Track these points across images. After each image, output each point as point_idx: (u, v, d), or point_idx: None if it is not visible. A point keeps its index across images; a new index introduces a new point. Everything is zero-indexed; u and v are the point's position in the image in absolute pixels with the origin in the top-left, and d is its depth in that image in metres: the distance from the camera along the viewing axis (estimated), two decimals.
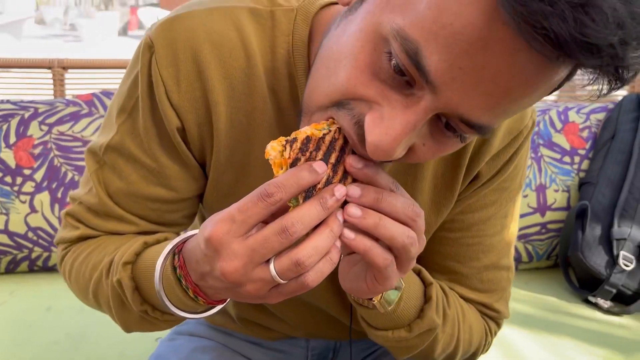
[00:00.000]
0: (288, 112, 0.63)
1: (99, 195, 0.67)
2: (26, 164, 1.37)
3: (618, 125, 1.41)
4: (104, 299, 0.66)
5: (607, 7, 0.35)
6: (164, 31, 0.61)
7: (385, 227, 0.48)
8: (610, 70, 0.39)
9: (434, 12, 0.41)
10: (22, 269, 1.39)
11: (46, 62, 1.57)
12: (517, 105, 0.44)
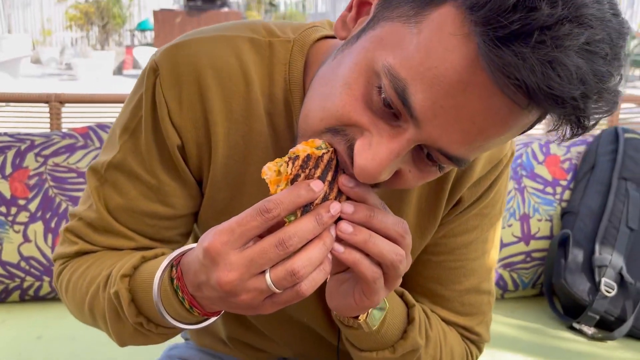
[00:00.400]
0: (283, 136, 0.67)
1: (99, 211, 0.70)
2: (21, 195, 1.40)
3: (597, 157, 1.46)
4: (99, 312, 0.67)
5: (571, 64, 0.40)
6: (169, 56, 0.65)
7: (374, 243, 0.51)
8: (573, 119, 0.44)
9: (422, 55, 0.46)
10: (14, 298, 1.39)
11: (44, 96, 1.61)
12: (491, 143, 0.49)
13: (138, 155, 0.68)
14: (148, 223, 0.70)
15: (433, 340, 0.71)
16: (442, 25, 0.45)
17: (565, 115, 0.44)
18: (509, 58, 0.41)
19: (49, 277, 1.38)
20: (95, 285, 0.67)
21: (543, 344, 1.26)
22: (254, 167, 0.68)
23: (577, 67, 0.41)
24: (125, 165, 0.68)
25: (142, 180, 0.68)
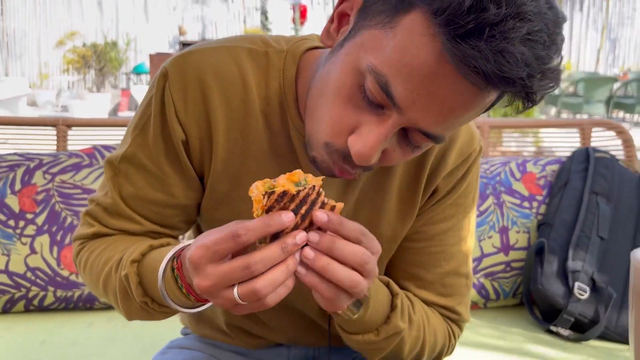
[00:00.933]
0: (278, 133, 0.77)
1: (113, 197, 0.79)
2: (29, 209, 1.48)
3: (570, 174, 1.57)
4: (112, 290, 0.76)
5: (517, 52, 0.52)
6: (177, 63, 0.75)
7: (333, 270, 0.58)
8: (523, 95, 0.55)
9: (398, 54, 0.57)
10: (19, 308, 1.45)
11: (52, 120, 1.71)
12: (461, 120, 0.60)
13: (146, 149, 0.77)
14: (154, 210, 0.80)
15: (416, 323, 0.79)
16: (412, 28, 0.56)
17: (516, 93, 0.55)
18: (468, 51, 0.52)
19: (53, 288, 1.44)
20: (109, 267, 0.76)
21: (522, 347, 1.34)
22: (251, 161, 0.78)
23: (521, 54, 0.52)
24: (135, 158, 0.78)
25: (149, 171, 0.78)
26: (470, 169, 0.83)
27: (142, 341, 1.33)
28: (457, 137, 0.79)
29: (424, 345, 0.81)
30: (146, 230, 0.81)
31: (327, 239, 0.58)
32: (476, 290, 1.51)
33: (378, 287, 0.74)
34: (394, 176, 0.80)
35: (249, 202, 0.62)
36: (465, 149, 0.81)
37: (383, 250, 0.81)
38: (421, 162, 0.79)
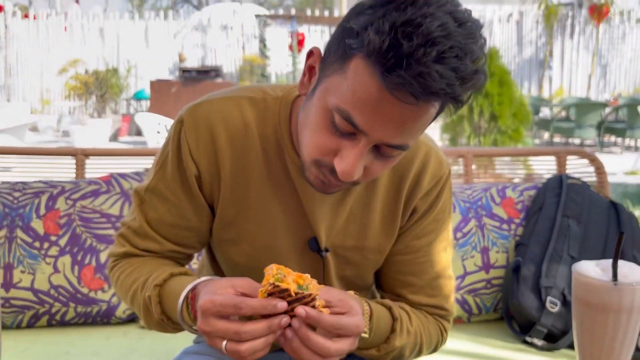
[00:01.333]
0: (275, 164, 0.93)
1: (140, 222, 0.95)
2: (53, 232, 1.62)
3: (545, 199, 1.73)
4: (137, 304, 0.93)
5: (433, 71, 0.67)
6: (191, 112, 0.92)
7: (299, 351, 0.75)
8: (450, 101, 0.73)
9: (351, 92, 0.74)
10: (42, 323, 1.59)
11: (71, 150, 1.87)
12: (414, 130, 0.76)
13: (166, 182, 0.94)
14: (172, 232, 0.96)
15: (414, 333, 0.95)
16: (356, 70, 0.73)
17: (445, 101, 0.73)
18: (395, 80, 0.69)
19: (74, 304, 1.58)
20: (136, 286, 0.93)
21: (500, 356, 1.48)
22: (253, 189, 0.94)
23: (436, 71, 0.68)
24: (157, 189, 0.95)
25: (169, 200, 0.95)
26: (443, 190, 0.99)
27: (156, 352, 1.47)
28: (429, 164, 0.96)
29: (421, 346, 0.98)
30: (166, 249, 0.97)
31: (303, 329, 0.74)
32: (459, 306, 1.65)
33: (381, 316, 0.90)
34: (377, 198, 0.96)
35: (252, 224, 0.78)
36: (436, 173, 0.97)
37: (368, 260, 0.98)
38: (400, 186, 0.95)
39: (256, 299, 0.74)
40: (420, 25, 0.67)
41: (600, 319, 0.82)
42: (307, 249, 0.94)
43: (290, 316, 0.74)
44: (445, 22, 0.68)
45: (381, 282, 1.04)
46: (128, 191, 1.71)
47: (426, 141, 0.97)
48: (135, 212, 0.97)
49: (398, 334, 0.90)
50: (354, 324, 0.77)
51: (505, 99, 3.99)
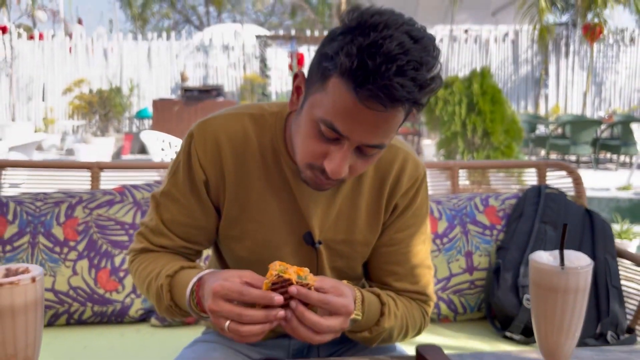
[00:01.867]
0: (272, 169, 1.08)
1: (156, 221, 1.11)
2: (72, 238, 1.77)
3: (524, 208, 1.87)
4: (151, 293, 1.08)
5: (395, 83, 0.82)
6: (200, 127, 1.08)
7: (298, 329, 0.87)
8: (412, 105, 0.88)
9: (332, 105, 0.89)
10: (61, 322, 1.72)
11: (87, 164, 2.02)
12: (387, 132, 0.91)
13: (177, 187, 1.10)
14: (183, 230, 1.12)
15: (400, 317, 1.09)
16: (334, 88, 0.88)
17: (408, 107, 0.88)
18: (365, 93, 0.84)
19: (91, 304, 1.72)
20: (151, 277, 1.08)
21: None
22: (253, 192, 1.09)
23: (398, 83, 0.83)
24: (170, 193, 1.11)
25: (179, 203, 1.10)
26: (420, 188, 1.14)
27: (167, 346, 1.60)
28: (407, 166, 1.11)
29: (407, 328, 1.12)
30: (178, 246, 1.13)
31: (301, 310, 0.87)
32: (446, 305, 1.79)
33: (371, 302, 1.05)
34: (363, 197, 1.11)
35: (253, 222, 0.94)
36: (413, 174, 1.12)
37: (356, 253, 1.13)
38: (382, 186, 1.10)
39: (259, 290, 0.88)
40: (381, 46, 0.82)
41: (551, 300, 0.96)
42: (302, 242, 1.09)
43: (286, 306, 0.89)
44: (402, 40, 0.83)
45: (369, 273, 1.18)
46: (140, 201, 1.86)
47: (403, 147, 1.12)
48: (152, 214, 1.13)
49: (387, 316, 1.05)
50: (341, 303, 0.90)
51: (497, 116, 4.16)
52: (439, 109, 4.80)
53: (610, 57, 12.49)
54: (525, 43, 12.60)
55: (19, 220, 1.75)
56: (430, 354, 1.04)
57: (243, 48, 12.80)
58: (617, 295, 1.70)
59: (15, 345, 0.86)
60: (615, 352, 1.15)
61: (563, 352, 0.98)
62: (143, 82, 12.58)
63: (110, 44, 12.77)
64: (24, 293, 0.85)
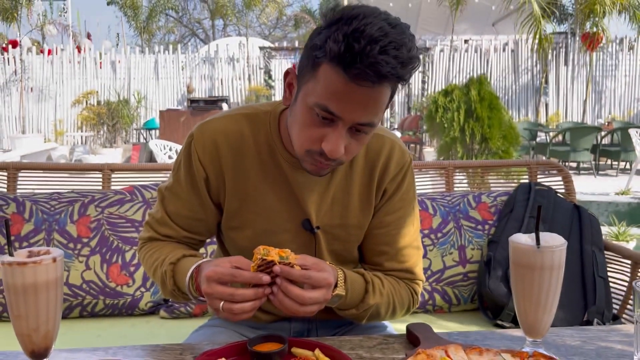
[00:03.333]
0: (268, 163, 1.18)
1: (161, 213, 1.22)
2: (84, 235, 1.86)
3: (515, 203, 1.96)
4: (157, 278, 1.19)
5: (380, 60, 0.92)
6: (199, 128, 1.19)
7: (283, 301, 0.98)
8: (397, 80, 0.98)
9: (324, 89, 0.99)
10: (75, 314, 1.82)
11: (98, 166, 2.12)
12: (376, 110, 1.01)
13: (179, 182, 1.21)
14: (185, 222, 1.22)
15: (386, 294, 1.18)
16: (324, 73, 0.98)
17: (393, 82, 0.98)
18: (354, 71, 0.94)
19: (103, 297, 1.81)
20: (157, 263, 1.18)
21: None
22: (251, 185, 1.19)
23: (383, 60, 0.93)
24: (173, 188, 1.21)
25: (181, 197, 1.21)
26: (406, 174, 1.23)
27: (174, 335, 1.69)
28: (394, 154, 1.20)
29: (395, 306, 1.20)
30: (181, 236, 1.23)
31: (284, 282, 0.98)
32: (440, 297, 1.88)
33: (354, 280, 1.13)
34: (355, 184, 1.20)
35: (252, 213, 1.06)
36: (400, 161, 1.22)
37: (351, 236, 1.22)
38: (372, 173, 1.20)
39: (249, 272, 0.98)
40: (364, 31, 0.92)
41: (529, 277, 1.05)
42: (300, 229, 1.18)
43: (272, 284, 0.99)
44: (382, 26, 0.93)
45: (363, 255, 1.27)
46: (149, 200, 1.95)
47: (390, 137, 1.22)
48: (158, 206, 1.23)
49: (371, 293, 1.13)
50: (322, 276, 0.99)
51: (495, 122, 4.25)
52: (439, 115, 4.90)
53: (610, 65, 12.58)
54: (525, 52, 12.72)
55: (35, 218, 1.85)
56: (420, 330, 1.13)
57: (248, 60, 12.98)
58: (603, 285, 1.78)
59: (37, 319, 0.95)
60: (594, 331, 1.23)
61: (541, 326, 1.07)
62: (150, 93, 12.77)
63: (118, 57, 12.97)
64: (46, 272, 0.94)
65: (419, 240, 1.26)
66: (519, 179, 2.43)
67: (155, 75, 12.92)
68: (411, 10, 13.96)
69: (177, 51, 13.15)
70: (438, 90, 8.37)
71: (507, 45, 12.81)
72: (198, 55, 13.20)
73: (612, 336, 1.19)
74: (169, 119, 10.21)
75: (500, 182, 2.38)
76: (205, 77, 12.99)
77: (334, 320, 1.33)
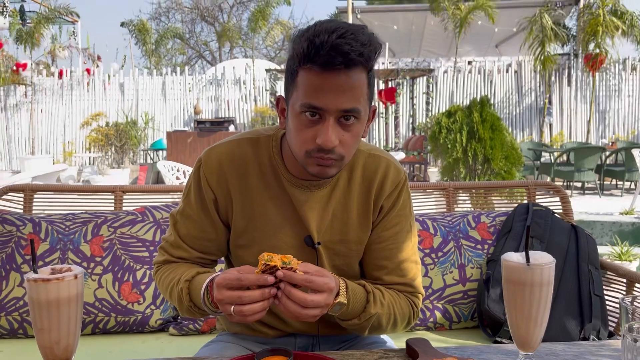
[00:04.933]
0: (272, 184, 1.26)
1: (175, 237, 1.30)
2: (97, 254, 1.94)
3: (513, 223, 2.02)
4: (173, 297, 1.25)
5: (343, 44, 1.03)
6: (207, 153, 1.28)
7: (287, 304, 1.04)
8: (365, 62, 1.08)
9: (304, 91, 1.08)
10: (87, 331, 1.88)
11: (111, 187, 2.21)
12: (356, 95, 1.10)
13: (190, 206, 1.29)
14: (197, 243, 1.30)
15: (387, 304, 1.23)
16: (301, 76, 1.09)
17: (360, 64, 1.07)
18: (321, 60, 1.04)
19: (115, 314, 1.88)
20: (172, 283, 1.25)
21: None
22: (256, 205, 1.27)
23: (344, 42, 1.03)
24: (185, 212, 1.29)
25: (193, 220, 1.29)
26: (402, 191, 1.30)
27: (184, 351, 1.75)
28: (389, 173, 1.27)
29: (396, 317, 1.25)
30: (194, 257, 1.30)
31: (288, 288, 1.04)
32: (441, 314, 1.93)
33: (356, 290, 1.19)
34: (353, 201, 1.27)
35: (258, 231, 1.14)
36: (395, 179, 1.29)
37: (352, 251, 1.29)
38: (369, 191, 1.27)
39: (253, 274, 1.05)
40: (322, 28, 1.04)
41: (520, 293, 1.11)
42: (303, 245, 1.25)
43: (277, 288, 1.06)
44: (340, 24, 1.05)
45: (363, 270, 1.33)
46: (159, 220, 2.03)
47: (386, 156, 1.30)
48: (171, 230, 1.31)
49: (372, 303, 1.19)
50: (323, 281, 1.06)
51: (497, 142, 4.33)
52: (443, 136, 4.98)
53: (613, 86, 12.67)
54: (528, 73, 12.84)
55: (51, 238, 1.93)
56: (418, 344, 1.19)
57: (254, 81, 13.15)
58: (599, 302, 1.83)
59: (59, 332, 1.02)
60: (585, 345, 1.29)
61: (533, 340, 1.13)
62: (158, 114, 12.94)
63: (126, 79, 13.18)
64: (68, 288, 1.01)
65: (417, 255, 1.32)
66: (522, 199, 2.49)
67: (162, 96, 13.10)
68: (415, 33, 14.16)
69: (185, 73, 13.35)
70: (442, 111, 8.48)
71: (511, 66, 12.95)
72: (205, 77, 13.39)
73: (603, 351, 1.24)
74: (176, 140, 10.35)
75: (504, 202, 2.44)
76: (211, 98, 13.16)
77: (337, 336, 1.39)
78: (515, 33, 13.37)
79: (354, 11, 12.53)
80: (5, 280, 1.86)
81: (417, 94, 12.23)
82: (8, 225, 1.92)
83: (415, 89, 12.13)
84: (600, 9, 11.53)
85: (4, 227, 1.92)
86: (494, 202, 2.51)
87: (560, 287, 1.85)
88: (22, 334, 1.85)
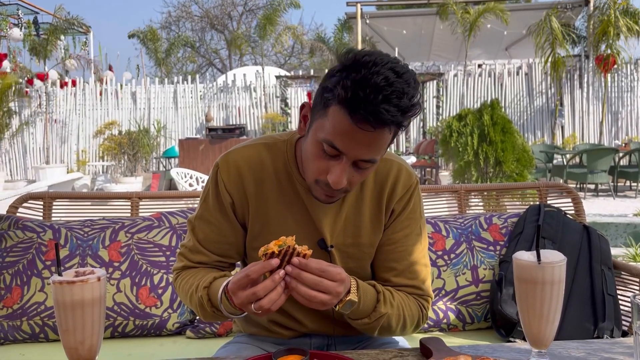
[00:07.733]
0: (286, 188, 1.29)
1: (193, 241, 1.32)
2: (115, 259, 1.98)
3: (525, 225, 2.04)
4: (193, 303, 1.28)
5: (382, 109, 1.04)
6: (223, 158, 1.31)
7: (297, 289, 1.06)
8: (396, 126, 1.09)
9: (332, 128, 1.10)
10: (106, 335, 1.91)
11: (128, 194, 2.25)
12: (378, 149, 1.12)
13: (208, 210, 1.32)
14: (216, 247, 1.32)
15: (396, 305, 1.25)
16: (333, 114, 1.09)
17: (394, 128, 1.09)
18: (358, 117, 1.05)
19: (133, 318, 1.92)
20: (191, 290, 1.28)
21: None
22: (271, 208, 1.30)
23: (385, 109, 1.04)
24: (203, 216, 1.32)
25: (212, 224, 1.31)
26: (413, 195, 1.32)
27: (202, 354, 1.78)
28: (400, 176, 1.30)
29: (405, 318, 1.27)
30: (213, 261, 1.33)
31: (297, 272, 1.06)
32: (455, 315, 1.95)
33: (366, 289, 1.22)
34: (365, 205, 1.29)
35: (273, 234, 1.17)
36: (406, 183, 1.32)
37: (364, 254, 1.31)
38: (381, 194, 1.29)
39: (258, 263, 1.07)
40: (370, 79, 1.03)
41: (532, 291, 1.13)
42: (317, 248, 1.28)
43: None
44: (387, 75, 1.04)
45: (373, 271, 1.36)
46: (175, 226, 2.07)
47: (398, 160, 1.32)
48: (189, 236, 1.34)
49: (382, 303, 1.21)
50: (336, 270, 1.08)
51: (508, 145, 4.33)
52: (454, 140, 4.99)
53: (625, 86, 12.58)
54: (539, 76, 12.79)
55: (70, 244, 1.97)
56: (432, 343, 1.21)
57: (264, 88, 13.24)
58: (612, 302, 1.84)
59: (83, 333, 1.06)
60: (598, 343, 1.30)
61: (545, 337, 1.14)
62: (170, 123, 13.06)
63: (138, 88, 13.32)
64: (91, 290, 1.05)
65: (427, 258, 1.34)
66: (533, 201, 2.50)
67: (174, 104, 13.23)
68: (424, 37, 14.18)
69: (196, 81, 13.46)
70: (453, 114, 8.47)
71: (521, 68, 12.91)
72: (215, 85, 13.49)
73: (616, 348, 1.25)
74: (188, 147, 10.44)
75: (516, 204, 2.46)
76: (222, 105, 13.26)
77: (352, 337, 1.42)
78: (525, 36, 13.33)
79: (363, 17, 12.58)
80: (26, 286, 1.90)
81: (427, 97, 12.23)
82: (29, 232, 1.97)
83: (426, 92, 12.14)
84: (611, 10, 11.47)
85: (25, 233, 1.97)
86: (506, 204, 2.52)
87: (573, 287, 1.86)
88: (43, 338, 1.89)
